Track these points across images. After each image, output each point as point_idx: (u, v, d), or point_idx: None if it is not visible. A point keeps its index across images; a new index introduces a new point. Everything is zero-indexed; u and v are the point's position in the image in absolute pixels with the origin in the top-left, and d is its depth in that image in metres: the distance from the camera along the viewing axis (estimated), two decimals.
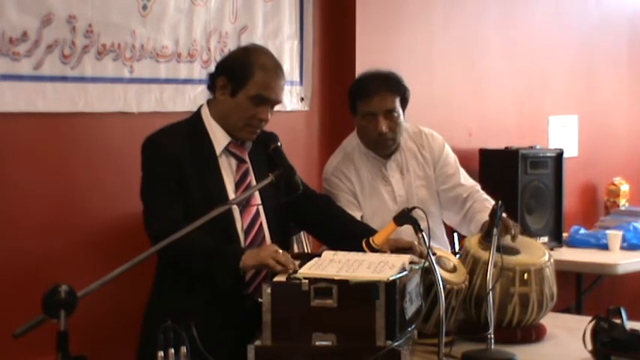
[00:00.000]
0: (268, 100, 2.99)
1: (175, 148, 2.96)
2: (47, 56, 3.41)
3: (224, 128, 3.02)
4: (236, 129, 3.01)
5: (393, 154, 3.58)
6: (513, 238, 3.14)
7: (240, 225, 2.99)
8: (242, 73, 2.97)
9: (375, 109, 3.45)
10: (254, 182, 3.02)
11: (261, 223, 3.03)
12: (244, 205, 3.00)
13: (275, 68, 3.03)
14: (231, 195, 2.98)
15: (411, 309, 2.64)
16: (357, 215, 3.46)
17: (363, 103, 3.47)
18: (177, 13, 3.84)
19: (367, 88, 3.48)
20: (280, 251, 2.75)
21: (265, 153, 3.04)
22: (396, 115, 3.48)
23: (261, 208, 3.04)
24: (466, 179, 3.64)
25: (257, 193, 3.02)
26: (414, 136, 3.62)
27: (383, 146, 3.53)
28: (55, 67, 3.44)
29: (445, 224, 3.75)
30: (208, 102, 3.09)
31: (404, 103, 3.52)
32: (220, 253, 2.85)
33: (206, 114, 3.05)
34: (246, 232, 2.99)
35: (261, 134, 3.06)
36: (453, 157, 3.67)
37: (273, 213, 3.07)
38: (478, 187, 3.62)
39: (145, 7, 3.71)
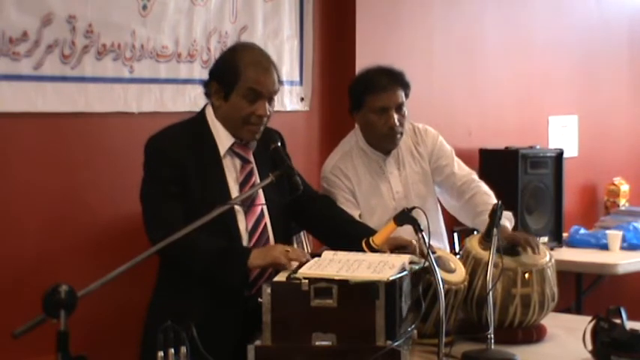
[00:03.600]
0: (261, 94, 2.97)
1: (178, 149, 2.95)
2: (47, 56, 3.41)
3: (228, 131, 3.02)
4: (237, 130, 3.00)
5: (391, 150, 3.60)
6: (534, 251, 3.12)
7: (244, 225, 2.98)
8: (230, 75, 2.96)
9: (387, 104, 3.47)
10: (258, 182, 3.01)
11: (265, 224, 3.03)
12: (249, 205, 2.99)
13: (262, 62, 3.00)
14: (235, 195, 2.96)
15: (405, 308, 2.64)
16: (355, 213, 3.47)
17: (374, 97, 3.48)
18: (177, 13, 3.84)
19: (379, 82, 3.49)
20: (290, 248, 2.78)
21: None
22: (404, 109, 3.51)
23: (265, 208, 3.03)
24: (461, 168, 3.65)
25: (262, 194, 3.02)
26: (409, 132, 3.64)
27: (392, 140, 3.54)
28: (55, 67, 3.44)
29: (445, 221, 3.77)
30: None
31: (406, 99, 3.55)
32: (226, 252, 2.86)
33: (210, 114, 3.04)
34: (251, 233, 2.99)
35: (264, 133, 3.05)
36: (448, 149, 3.68)
37: (277, 213, 3.07)
38: (474, 175, 3.63)
39: (145, 7, 3.71)
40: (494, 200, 3.41)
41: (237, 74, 2.95)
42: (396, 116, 3.48)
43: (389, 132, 3.50)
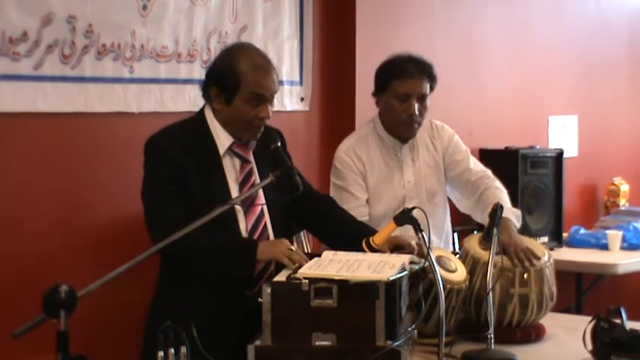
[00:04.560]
0: (264, 97, 2.96)
1: (178, 149, 2.95)
2: (47, 56, 3.41)
3: (228, 133, 3.01)
4: (238, 132, 3.00)
5: (408, 140, 3.61)
6: (523, 265, 3.10)
7: (244, 225, 2.98)
8: (231, 80, 2.94)
9: (410, 91, 3.51)
10: (258, 182, 3.01)
11: (265, 223, 3.03)
12: (249, 204, 2.99)
13: (262, 64, 2.99)
14: (235, 195, 2.96)
15: (404, 309, 2.64)
16: (363, 197, 3.51)
17: (398, 83, 3.52)
18: (177, 13, 3.84)
19: (406, 69, 3.53)
20: (294, 249, 2.78)
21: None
22: (427, 101, 3.55)
23: (265, 208, 3.03)
24: (476, 165, 3.68)
25: (262, 193, 3.02)
26: (426, 127, 3.68)
27: (409, 129, 3.57)
28: (55, 67, 3.44)
29: (451, 220, 3.78)
30: None
31: (431, 92, 3.58)
32: (234, 244, 2.88)
33: (209, 114, 3.03)
34: (251, 233, 2.98)
35: (264, 132, 3.05)
36: (463, 147, 3.73)
37: (277, 213, 3.07)
38: (489, 172, 3.65)
39: (145, 7, 3.71)
40: (505, 196, 3.44)
41: (237, 79, 2.93)
42: (416, 105, 3.51)
43: (407, 119, 3.53)
